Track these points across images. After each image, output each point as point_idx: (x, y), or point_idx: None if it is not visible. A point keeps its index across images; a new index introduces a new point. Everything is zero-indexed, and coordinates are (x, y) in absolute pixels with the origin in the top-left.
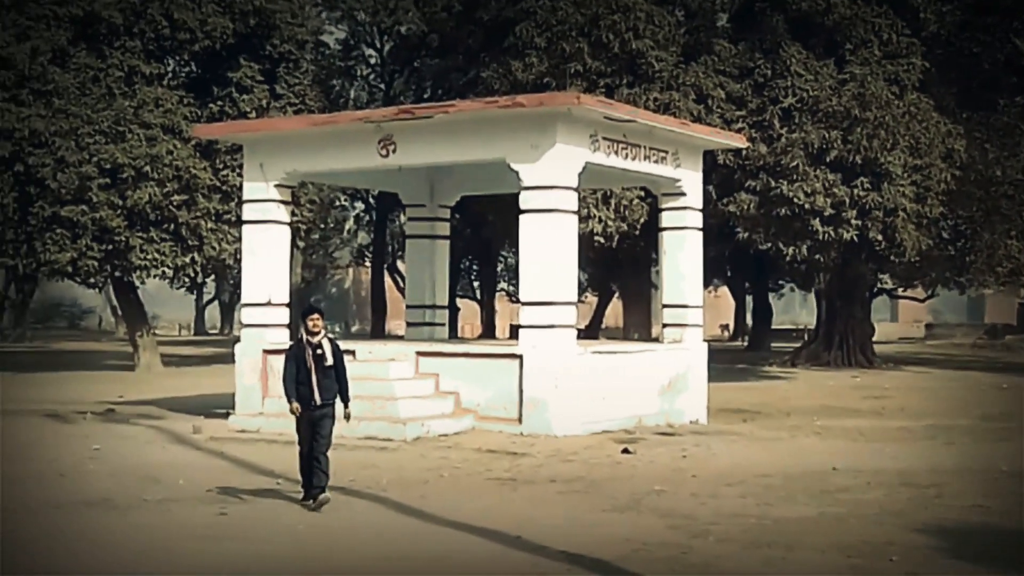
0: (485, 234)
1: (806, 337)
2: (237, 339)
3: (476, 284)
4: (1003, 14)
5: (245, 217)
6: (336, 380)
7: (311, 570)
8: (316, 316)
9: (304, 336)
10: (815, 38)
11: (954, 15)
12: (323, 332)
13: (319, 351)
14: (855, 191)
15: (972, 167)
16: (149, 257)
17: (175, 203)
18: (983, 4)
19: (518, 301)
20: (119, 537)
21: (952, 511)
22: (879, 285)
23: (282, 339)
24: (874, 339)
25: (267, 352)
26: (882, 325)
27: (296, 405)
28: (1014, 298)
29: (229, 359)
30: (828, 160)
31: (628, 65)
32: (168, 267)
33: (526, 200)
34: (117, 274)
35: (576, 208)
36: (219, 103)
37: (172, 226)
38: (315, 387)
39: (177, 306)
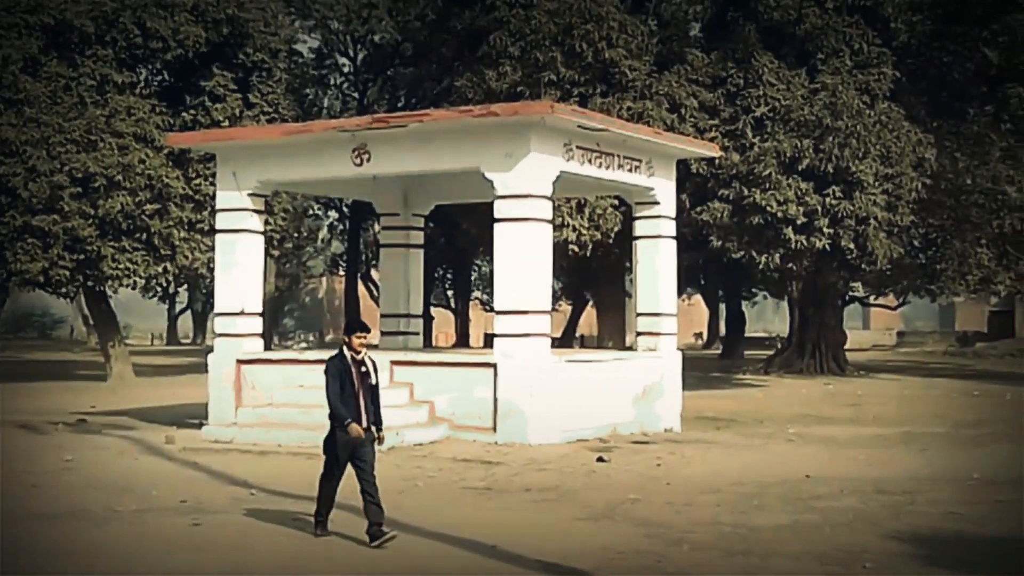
0: (459, 243)
1: (779, 345)
2: (210, 349)
3: (450, 293)
4: (973, 24)
5: (218, 226)
6: (373, 401)
7: None
8: (364, 335)
9: (346, 351)
10: (787, 48)
11: (924, 25)
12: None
13: (363, 368)
14: (827, 200)
15: (942, 176)
16: (121, 267)
17: (147, 212)
18: (953, 14)
19: (492, 310)
20: (92, 548)
21: (926, 518)
22: (851, 293)
23: (256, 348)
24: (846, 347)
25: (241, 362)
26: (854, 333)
27: (356, 426)
28: (984, 306)
29: (202, 369)
30: (800, 169)
31: (601, 74)
32: (140, 276)
33: (500, 209)
34: (89, 284)
35: (550, 217)
36: (192, 112)
37: (144, 235)
38: (361, 406)
39: (150, 316)
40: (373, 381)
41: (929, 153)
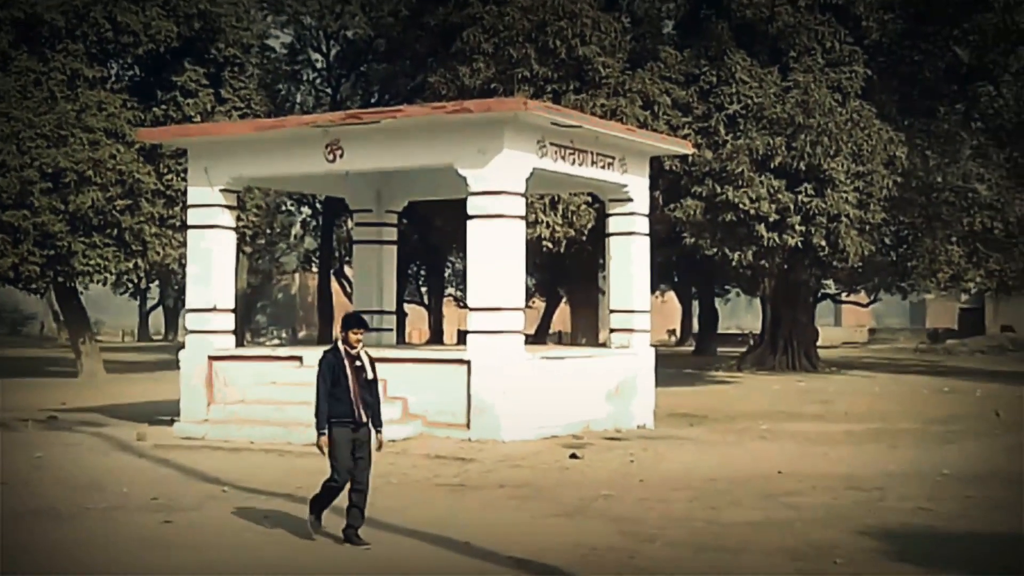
0: (433, 239)
1: (752, 342)
2: (182, 345)
3: (424, 289)
4: (944, 23)
5: (190, 222)
6: (371, 398)
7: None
8: (361, 331)
9: (341, 346)
10: (759, 45)
11: (896, 24)
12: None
13: (358, 363)
14: (799, 197)
15: (913, 174)
16: (92, 262)
17: (118, 208)
18: (924, 13)
19: (466, 306)
20: (62, 547)
21: (896, 514)
22: (823, 290)
23: (228, 345)
24: (818, 343)
25: (213, 358)
26: (826, 329)
27: (324, 439)
28: (955, 303)
29: (174, 365)
30: (773, 166)
31: (575, 71)
32: (111, 272)
33: (474, 205)
34: (59, 280)
35: (524, 213)
36: (163, 107)
37: (115, 231)
38: (356, 402)
39: (121, 312)
40: (369, 376)
41: (900, 151)
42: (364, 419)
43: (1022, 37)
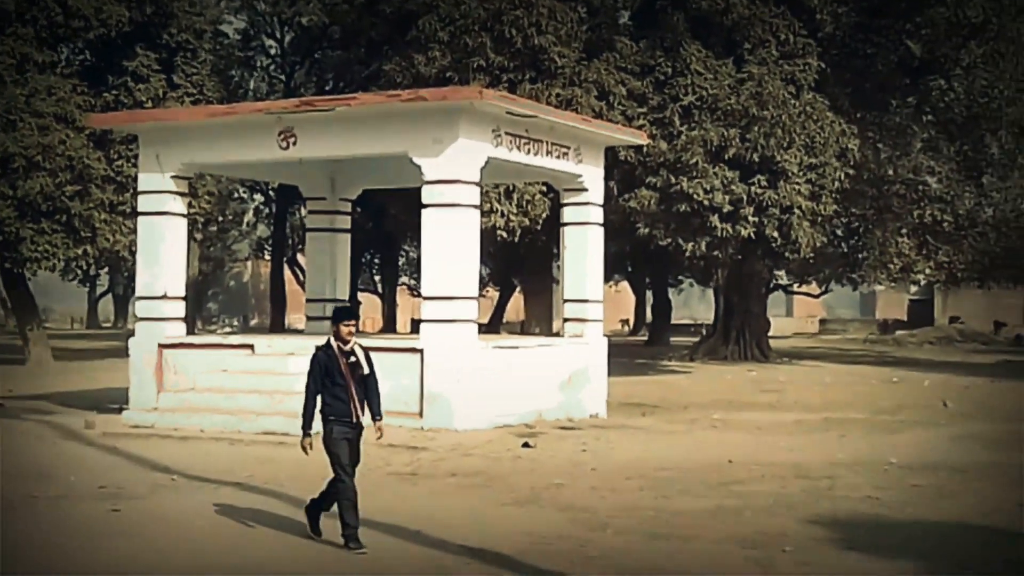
0: (387, 228)
1: (704, 332)
2: (131, 333)
3: (377, 278)
4: (896, 16)
5: (140, 208)
6: (368, 392)
7: (207, 567)
8: (352, 323)
9: (333, 341)
10: (714, 37)
11: (849, 17)
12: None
13: (352, 359)
14: (752, 188)
15: (865, 166)
16: (40, 249)
17: (67, 194)
18: (877, 6)
19: (420, 295)
20: (8, 536)
21: (845, 502)
22: (775, 281)
23: (179, 333)
24: (770, 334)
25: (163, 346)
26: (778, 320)
27: (309, 440)
28: (904, 294)
29: (123, 353)
30: (727, 158)
31: (531, 61)
32: (60, 259)
33: (428, 194)
34: (7, 266)
35: (478, 202)
36: (114, 92)
37: (64, 217)
38: (353, 401)
39: (69, 299)
40: (365, 371)
41: (852, 143)
42: (361, 418)
43: (973, 31)
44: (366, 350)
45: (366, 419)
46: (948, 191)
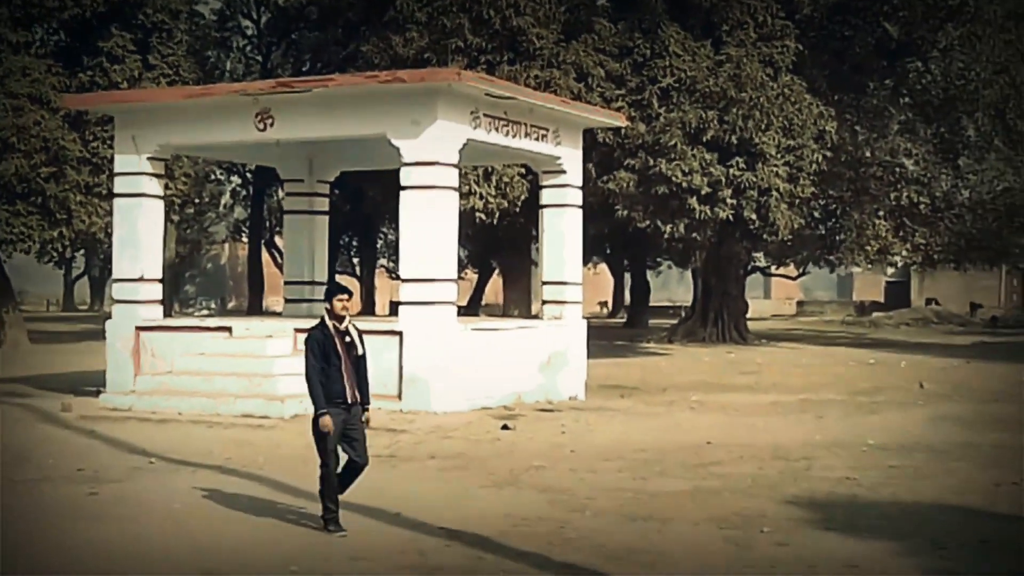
0: (365, 210)
1: (683, 314)
2: (108, 315)
3: (356, 260)
4: None
5: (116, 190)
6: (361, 376)
7: (185, 549)
8: (345, 296)
9: (329, 321)
10: (693, 19)
11: None
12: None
13: (348, 339)
14: (731, 171)
15: (843, 148)
16: (15, 231)
17: (43, 175)
18: None
19: (398, 277)
20: None
21: (822, 483)
22: (753, 263)
23: (155, 315)
24: (748, 316)
25: (140, 329)
26: (756, 302)
27: (328, 419)
28: (881, 276)
29: (100, 336)
30: (705, 140)
31: (509, 42)
32: (35, 241)
33: (407, 176)
34: None
35: (457, 185)
36: (89, 73)
37: (40, 199)
38: (347, 381)
39: (45, 281)
40: (360, 352)
41: (830, 126)
42: (356, 399)
43: (950, 14)
44: (360, 332)
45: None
46: (925, 173)
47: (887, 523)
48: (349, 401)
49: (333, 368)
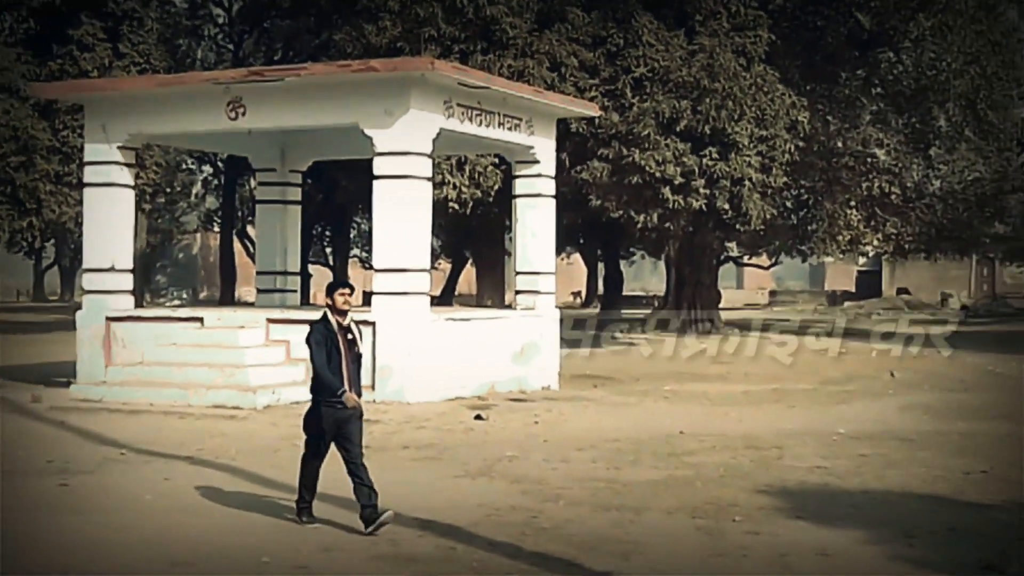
0: (338, 200)
1: (656, 304)
2: (78, 306)
3: (329, 250)
4: None
5: (86, 180)
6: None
7: (157, 541)
8: (347, 291)
9: (330, 316)
10: (666, 9)
11: None
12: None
13: (350, 336)
14: (704, 160)
15: (815, 138)
16: None
17: (12, 165)
18: None
19: (371, 268)
20: None
21: (793, 472)
22: (726, 253)
23: (126, 305)
24: (721, 306)
25: (110, 319)
26: (729, 292)
27: (352, 396)
28: (853, 266)
29: (70, 326)
30: (678, 130)
31: (482, 31)
32: (4, 231)
33: (380, 166)
34: None
35: (430, 174)
36: (59, 61)
37: (9, 188)
38: (346, 379)
39: (15, 271)
40: (360, 350)
41: (802, 116)
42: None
43: (922, 4)
44: (360, 329)
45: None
46: (896, 163)
47: (857, 511)
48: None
49: (333, 365)
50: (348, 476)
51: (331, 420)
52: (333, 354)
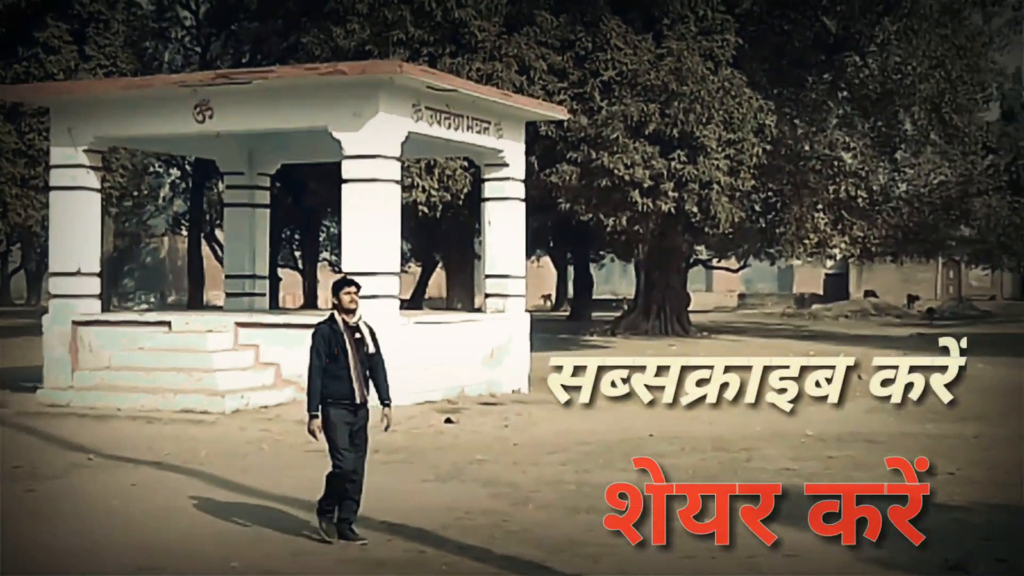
0: (307, 203)
1: (625, 307)
2: (45, 310)
3: (298, 254)
4: None
5: (53, 183)
6: (374, 373)
7: (124, 547)
8: (353, 289)
9: (337, 316)
10: (634, 12)
11: None
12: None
13: (358, 335)
14: (672, 164)
15: (782, 142)
16: None
17: None
18: None
19: (340, 271)
20: None
21: (762, 474)
22: (695, 256)
23: (93, 309)
24: (690, 308)
25: (77, 323)
26: (698, 295)
27: (316, 422)
28: (821, 269)
29: (36, 331)
30: (647, 133)
31: (451, 34)
32: None
33: (348, 169)
34: None
35: (399, 178)
36: (24, 64)
37: None
38: (354, 380)
39: None
40: (371, 349)
41: (769, 119)
42: (364, 400)
43: (887, 8)
44: (372, 330)
45: (374, 401)
46: (863, 167)
47: (823, 512)
48: (357, 401)
49: (339, 366)
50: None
51: (340, 420)
52: (340, 356)
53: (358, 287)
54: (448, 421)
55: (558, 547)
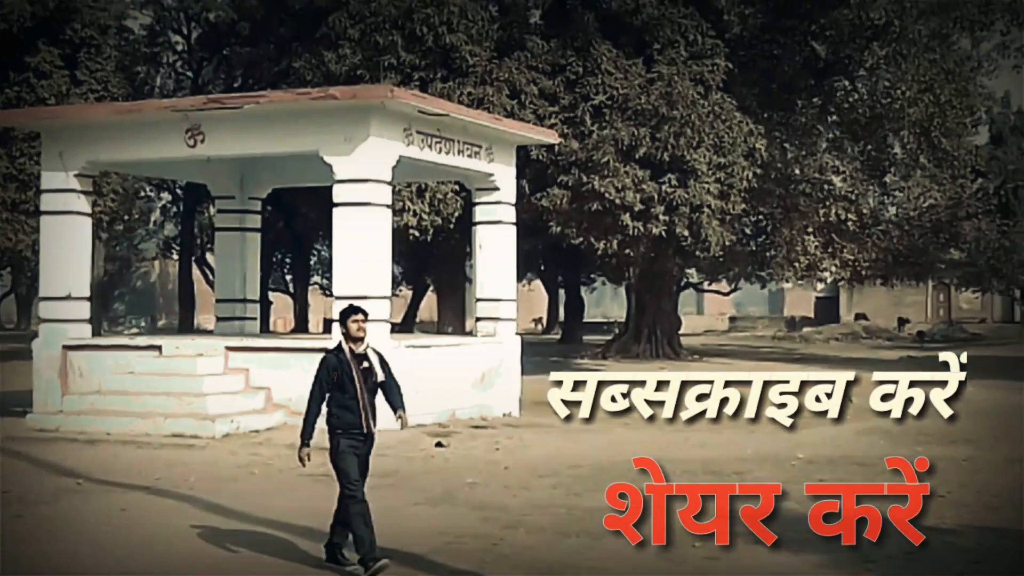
0: (298, 227)
1: (616, 330)
2: (35, 334)
3: (289, 278)
4: (802, 18)
5: (43, 207)
6: (388, 395)
7: (114, 572)
8: (361, 317)
9: (344, 344)
10: (624, 37)
11: (756, 18)
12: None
13: (365, 364)
14: (663, 187)
15: (772, 165)
16: None
17: None
18: (783, 8)
19: (332, 295)
20: None
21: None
22: (686, 279)
23: (83, 334)
24: (681, 331)
25: (67, 348)
26: (689, 318)
27: (307, 451)
28: (811, 292)
29: (26, 355)
30: (637, 157)
31: (442, 59)
32: None
33: (339, 193)
34: None
35: (390, 202)
36: (16, 89)
37: None
38: (363, 410)
39: None
40: (380, 378)
41: (760, 143)
42: (372, 430)
43: (876, 33)
44: (381, 355)
45: (381, 426)
46: (852, 190)
47: (815, 536)
48: (365, 432)
49: (348, 396)
50: (335, 513)
51: (349, 450)
52: (347, 386)
53: (366, 315)
54: (439, 445)
55: (550, 570)
